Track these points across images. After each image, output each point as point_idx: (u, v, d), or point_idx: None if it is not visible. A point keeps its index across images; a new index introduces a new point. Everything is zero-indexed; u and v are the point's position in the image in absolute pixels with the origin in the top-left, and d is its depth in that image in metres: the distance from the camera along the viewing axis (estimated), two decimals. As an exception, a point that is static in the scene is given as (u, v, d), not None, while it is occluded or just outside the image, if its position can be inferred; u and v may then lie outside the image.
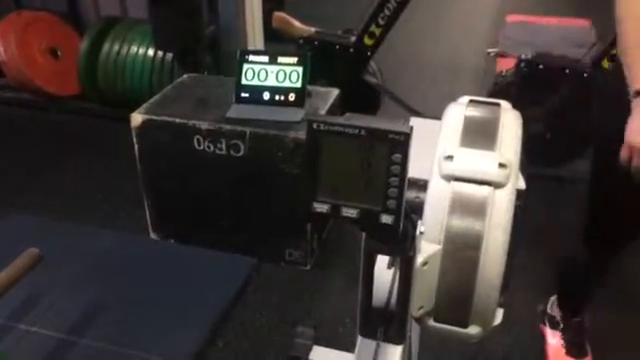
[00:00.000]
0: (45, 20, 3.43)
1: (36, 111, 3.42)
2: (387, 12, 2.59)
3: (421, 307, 1.16)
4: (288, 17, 3.81)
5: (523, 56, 2.48)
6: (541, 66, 2.44)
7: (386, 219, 0.78)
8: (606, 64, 2.37)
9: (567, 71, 2.43)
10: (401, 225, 0.82)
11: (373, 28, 2.63)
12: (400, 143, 0.74)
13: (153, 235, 2.30)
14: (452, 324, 1.18)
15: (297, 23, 3.65)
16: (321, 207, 0.79)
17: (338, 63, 2.74)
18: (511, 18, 4.94)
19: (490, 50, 4.26)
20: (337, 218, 0.80)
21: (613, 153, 1.34)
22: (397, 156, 0.75)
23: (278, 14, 3.78)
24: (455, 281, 1.14)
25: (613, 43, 2.33)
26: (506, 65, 3.47)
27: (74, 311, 1.90)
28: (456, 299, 1.14)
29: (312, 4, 4.46)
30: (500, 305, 1.21)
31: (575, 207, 2.42)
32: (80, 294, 1.98)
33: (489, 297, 1.14)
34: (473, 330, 1.18)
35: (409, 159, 0.77)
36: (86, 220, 2.42)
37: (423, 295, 1.14)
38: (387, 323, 1.16)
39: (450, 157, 1.17)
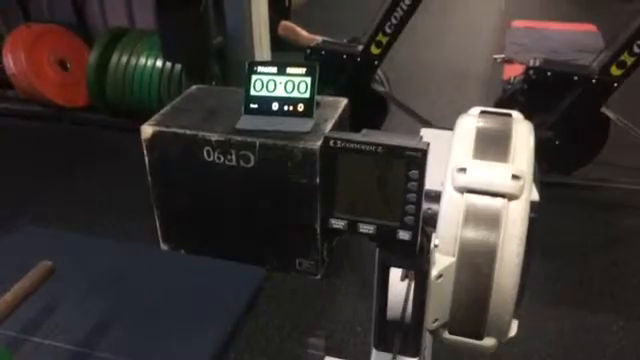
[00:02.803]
0: (54, 32, 3.46)
1: (46, 123, 3.44)
2: (394, 21, 2.60)
3: (436, 320, 1.16)
4: (294, 26, 3.83)
5: (531, 63, 2.48)
6: (549, 73, 2.44)
7: (403, 235, 0.79)
8: (615, 70, 2.37)
9: (576, 78, 2.43)
10: (418, 241, 0.83)
11: (380, 37, 2.64)
12: (417, 160, 0.75)
13: (163, 246, 2.31)
14: (467, 336, 1.18)
15: (303, 32, 3.66)
16: (338, 223, 0.80)
17: (345, 72, 2.75)
18: (516, 23, 4.95)
19: (496, 56, 4.28)
20: (354, 234, 0.81)
21: None
22: (414, 172, 0.75)
23: (285, 23, 3.79)
24: (470, 293, 1.14)
25: (622, 49, 2.34)
26: (512, 71, 3.48)
27: (86, 323, 1.91)
28: (471, 311, 1.14)
29: (318, 12, 4.48)
30: (515, 317, 1.21)
31: (583, 214, 2.44)
32: (92, 306, 1.99)
33: (504, 309, 1.14)
34: (488, 342, 1.18)
35: (426, 175, 0.77)
36: (97, 231, 2.43)
37: (438, 307, 1.14)
38: (402, 336, 1.16)
39: (463, 169, 1.17)
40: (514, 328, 1.22)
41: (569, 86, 2.44)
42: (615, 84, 2.39)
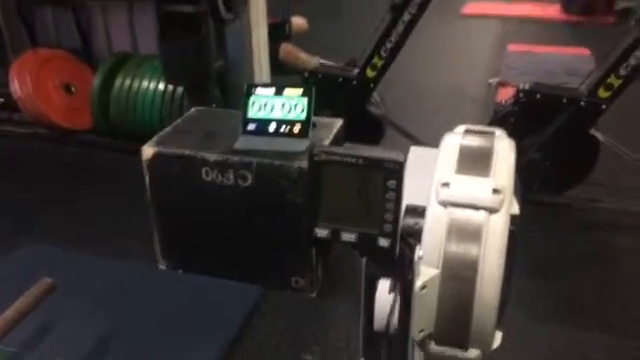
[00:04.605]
0: (60, 57, 3.55)
1: (50, 145, 3.51)
2: (389, 44, 2.68)
3: (422, 330, 1.21)
4: (295, 49, 3.93)
5: (521, 86, 2.55)
6: (539, 95, 2.51)
7: (383, 242, 0.84)
8: (602, 93, 2.44)
9: (564, 100, 2.50)
10: (397, 248, 0.87)
11: (376, 60, 2.72)
12: (394, 171, 0.80)
13: (161, 265, 2.35)
14: (452, 347, 1.22)
15: (303, 55, 3.75)
16: (322, 232, 0.85)
17: (342, 95, 2.82)
18: (512, 48, 5.05)
19: (491, 80, 4.36)
20: (337, 242, 0.86)
21: None
22: (392, 182, 0.81)
23: (286, 46, 3.88)
24: (453, 303, 1.19)
25: (609, 71, 2.41)
26: (506, 94, 3.55)
27: (85, 340, 1.94)
28: (455, 321, 1.19)
29: (318, 36, 4.58)
30: (499, 328, 1.25)
31: (573, 234, 2.48)
32: (92, 323, 2.03)
33: (487, 319, 1.18)
34: (473, 353, 1.22)
35: (403, 185, 0.83)
36: (97, 250, 2.48)
37: (423, 318, 1.19)
38: (389, 347, 1.20)
39: (446, 184, 1.23)
40: (498, 339, 1.26)
41: (558, 108, 2.51)
42: (603, 106, 2.45)
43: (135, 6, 3.34)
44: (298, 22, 4.39)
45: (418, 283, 1.12)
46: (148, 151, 2.17)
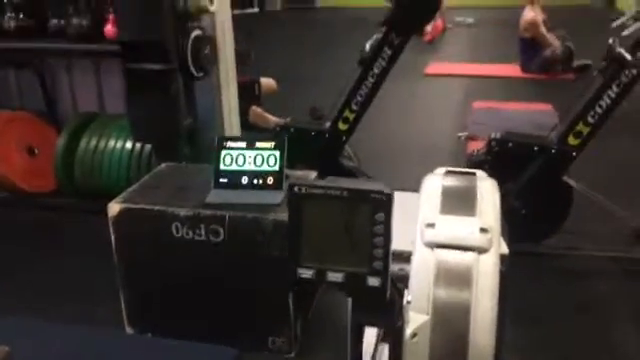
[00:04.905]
0: (22, 119, 3.47)
1: (9, 209, 3.37)
2: (359, 98, 2.70)
3: (414, 385, 1.11)
4: (263, 112, 3.95)
5: (493, 135, 2.57)
6: (510, 144, 2.53)
7: (373, 282, 0.77)
8: (572, 140, 2.47)
9: (536, 148, 2.52)
10: (388, 288, 0.81)
11: (347, 113, 2.73)
12: (382, 203, 0.75)
13: (129, 329, 2.21)
14: (446, 401, 1.13)
15: (272, 117, 3.78)
16: (306, 273, 0.78)
17: (315, 148, 2.80)
18: (477, 105, 5.17)
19: (460, 134, 4.43)
20: (322, 283, 0.79)
21: None
22: (380, 215, 0.75)
23: (255, 109, 3.91)
24: (446, 353, 1.11)
25: (577, 119, 2.46)
26: (476, 147, 3.59)
27: (44, 414, 1.77)
28: (449, 373, 1.10)
29: (287, 97, 4.62)
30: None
31: (554, 282, 2.45)
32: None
33: (483, 369, 1.10)
34: (468, 411, 1.13)
35: (392, 219, 0.77)
36: (58, 317, 2.33)
37: (415, 370, 1.10)
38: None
39: (431, 224, 1.18)
40: (493, 394, 1.18)
41: (530, 156, 2.53)
42: (574, 153, 2.48)
43: (102, 65, 3.31)
44: (267, 83, 4.44)
45: (408, 331, 1.05)
46: (114, 208, 2.07)
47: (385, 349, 1.06)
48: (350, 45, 4.04)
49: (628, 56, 2.26)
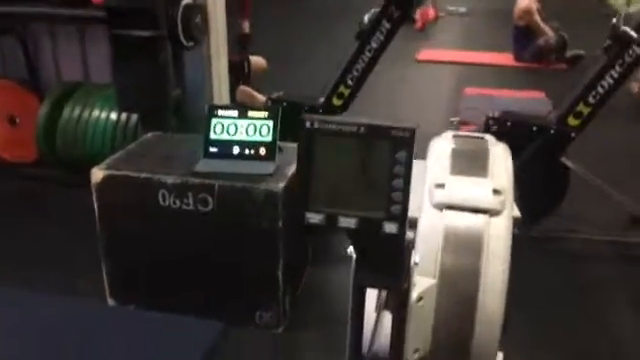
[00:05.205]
0: (4, 87, 3.34)
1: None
2: (355, 73, 2.62)
3: (416, 350, 1.05)
4: (251, 90, 3.84)
5: (491, 114, 2.50)
6: (509, 123, 2.47)
7: (390, 228, 0.69)
8: (572, 121, 2.41)
9: (535, 128, 2.46)
10: (405, 237, 0.73)
11: (342, 89, 2.64)
12: (404, 140, 0.67)
13: (110, 301, 2.12)
14: (449, 371, 1.06)
15: (260, 95, 3.68)
16: (315, 217, 0.70)
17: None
18: (469, 91, 5.11)
19: (453, 119, 4.37)
20: (334, 229, 0.71)
21: None
22: (401, 154, 0.67)
23: (243, 88, 3.80)
24: (453, 319, 1.04)
25: (578, 100, 2.40)
26: (470, 130, 3.53)
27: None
28: (454, 338, 1.03)
29: (277, 77, 4.52)
30: (500, 348, 1.10)
31: (552, 265, 2.40)
32: (27, 367, 1.77)
33: (490, 334, 1.04)
34: (473, 378, 1.06)
35: (413, 159, 0.69)
36: (42, 288, 2.23)
37: (419, 335, 1.03)
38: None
39: (441, 185, 1.10)
40: (499, 360, 1.11)
41: (528, 136, 2.47)
42: (573, 134, 2.43)
43: (87, 32, 3.19)
44: (257, 61, 4.33)
45: (414, 295, 0.98)
46: (98, 174, 1.98)
47: (387, 316, 0.99)
48: (342, 26, 3.96)
49: (634, 33, 2.20)
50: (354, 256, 0.84)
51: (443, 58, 6.48)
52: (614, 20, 2.35)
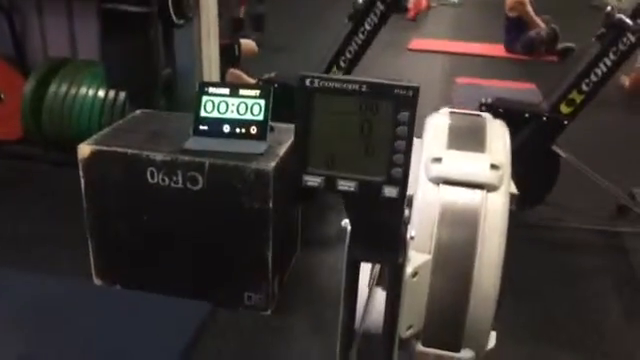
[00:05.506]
0: (-12, 63, 3.27)
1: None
2: (348, 55, 2.59)
3: (410, 326, 1.03)
4: (241, 73, 3.80)
5: (483, 100, 2.49)
6: (501, 110, 2.45)
7: (390, 192, 0.67)
8: (564, 108, 2.41)
9: (527, 115, 2.45)
10: (405, 203, 0.71)
11: (334, 71, 2.61)
12: (407, 100, 0.64)
13: (97, 281, 2.09)
14: (442, 347, 1.05)
15: (250, 79, 3.64)
16: (313, 180, 0.67)
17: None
18: (461, 80, 5.10)
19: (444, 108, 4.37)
20: (332, 192, 0.69)
21: None
22: (404, 115, 0.64)
23: (233, 71, 3.76)
24: (447, 295, 1.03)
25: (571, 87, 2.39)
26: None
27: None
28: (448, 314, 1.02)
29: (266, 60, 4.47)
30: (493, 328, 1.09)
31: (541, 253, 2.41)
32: (9, 345, 1.73)
33: (485, 312, 1.02)
34: (466, 355, 1.05)
35: (416, 120, 0.67)
36: (27, 266, 2.20)
37: (413, 312, 1.01)
38: (370, 345, 1.02)
39: (438, 159, 1.08)
40: (492, 339, 1.10)
41: (520, 123, 2.46)
42: (565, 122, 2.42)
43: (75, 8, 3.12)
44: (247, 44, 4.29)
45: (409, 270, 0.96)
46: (85, 149, 1.94)
47: (379, 292, 0.97)
48: (335, 12, 3.92)
49: (629, 21, 2.19)
50: (349, 228, 0.82)
51: (435, 47, 6.47)
52: (609, 8, 2.34)
